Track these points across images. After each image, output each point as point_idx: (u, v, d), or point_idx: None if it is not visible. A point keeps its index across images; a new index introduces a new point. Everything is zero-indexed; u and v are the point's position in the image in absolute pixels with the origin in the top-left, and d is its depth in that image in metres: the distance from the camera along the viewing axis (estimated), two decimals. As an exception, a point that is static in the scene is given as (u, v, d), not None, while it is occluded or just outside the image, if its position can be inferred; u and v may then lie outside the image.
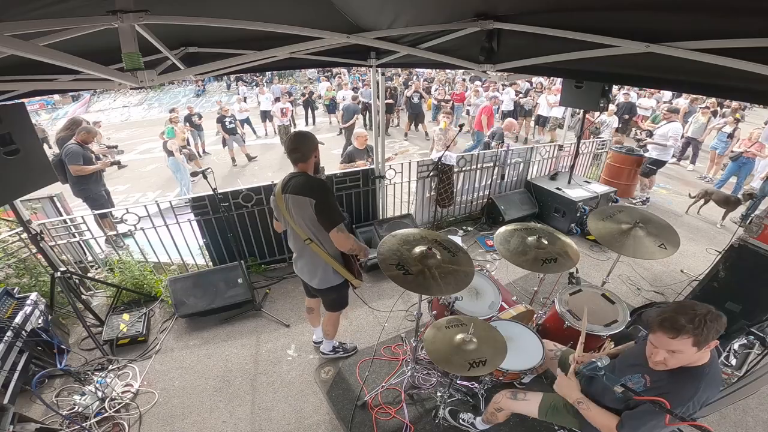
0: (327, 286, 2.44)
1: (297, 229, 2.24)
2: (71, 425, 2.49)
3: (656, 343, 1.43)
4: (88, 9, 1.56)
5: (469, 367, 1.92)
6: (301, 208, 2.16)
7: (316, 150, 2.25)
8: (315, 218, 2.16)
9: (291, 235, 2.40)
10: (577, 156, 5.37)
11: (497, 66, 2.44)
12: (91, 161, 4.58)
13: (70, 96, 19.44)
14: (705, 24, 1.41)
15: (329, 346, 3.09)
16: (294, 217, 2.22)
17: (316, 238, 2.24)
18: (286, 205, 2.22)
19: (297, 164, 2.22)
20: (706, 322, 1.33)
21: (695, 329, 1.33)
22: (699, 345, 1.35)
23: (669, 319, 1.37)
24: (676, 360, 1.41)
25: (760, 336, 2.81)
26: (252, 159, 9.47)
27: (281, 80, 19.75)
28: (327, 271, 2.37)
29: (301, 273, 2.51)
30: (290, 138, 2.23)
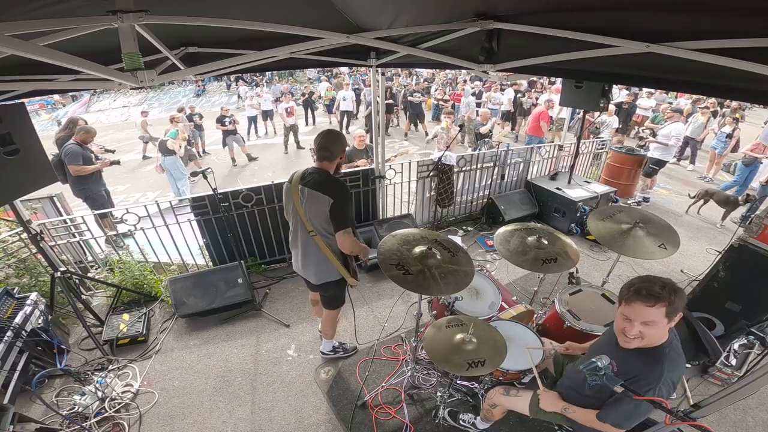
0: (326, 280, 2.47)
1: (305, 220, 2.28)
2: (71, 425, 2.49)
3: (631, 315, 1.44)
4: (88, 9, 1.56)
5: (468, 367, 1.92)
6: (317, 204, 2.20)
7: (344, 152, 2.33)
8: (328, 216, 2.20)
9: (296, 228, 2.41)
10: (577, 156, 5.37)
11: (497, 66, 2.44)
12: (91, 161, 4.58)
13: (70, 96, 19.44)
14: (705, 24, 1.41)
15: (329, 346, 3.10)
16: (305, 209, 2.26)
17: (322, 232, 2.29)
18: (300, 196, 2.25)
19: (322, 161, 2.26)
20: (676, 291, 1.38)
21: (669, 296, 1.37)
22: (669, 316, 1.39)
23: (645, 287, 1.40)
24: (651, 333, 1.43)
25: (760, 336, 2.81)
26: (253, 159, 9.47)
27: (281, 80, 19.75)
28: (327, 266, 2.40)
29: (300, 269, 2.54)
30: (322, 135, 2.26)
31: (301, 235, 2.38)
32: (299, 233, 2.40)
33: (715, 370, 2.87)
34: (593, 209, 4.71)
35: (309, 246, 2.37)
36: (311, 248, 2.36)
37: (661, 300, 1.38)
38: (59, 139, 4.81)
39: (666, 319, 1.40)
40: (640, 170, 6.09)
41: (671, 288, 1.39)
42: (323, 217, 2.22)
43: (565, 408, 1.74)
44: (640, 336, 1.45)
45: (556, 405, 1.77)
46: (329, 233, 2.28)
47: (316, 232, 2.28)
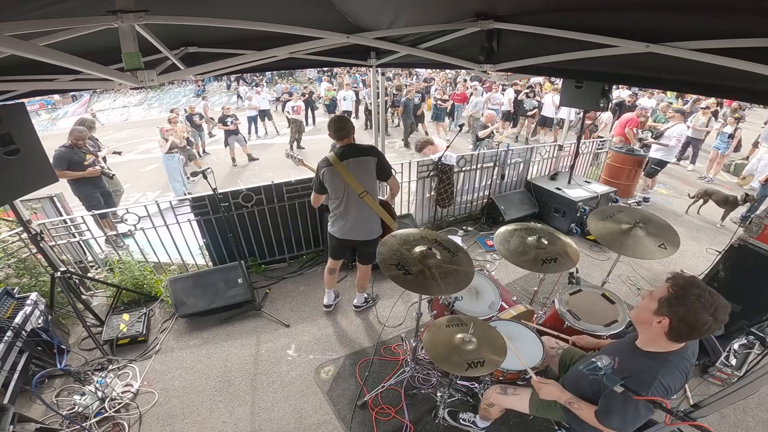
0: (374, 237, 2.99)
1: (356, 185, 2.75)
2: (71, 425, 2.49)
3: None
4: (88, 9, 1.56)
5: (467, 367, 1.92)
6: (364, 167, 2.77)
7: (353, 127, 2.87)
8: (374, 174, 2.81)
9: (346, 198, 2.83)
10: (577, 156, 5.37)
11: (497, 66, 2.44)
12: (80, 164, 4.48)
13: (70, 96, 19.44)
14: (705, 24, 1.41)
15: (361, 298, 3.59)
16: (354, 176, 2.74)
17: (370, 190, 2.82)
18: (347, 169, 2.72)
19: (343, 139, 2.79)
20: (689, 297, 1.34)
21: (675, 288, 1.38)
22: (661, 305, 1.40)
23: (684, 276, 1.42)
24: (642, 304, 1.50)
25: (760, 336, 2.81)
26: (253, 159, 9.47)
27: (281, 80, 19.74)
28: (375, 223, 2.97)
29: (351, 233, 2.95)
30: (335, 120, 2.81)
31: (353, 200, 2.83)
32: (350, 201, 2.83)
33: (715, 370, 2.87)
34: (593, 209, 4.70)
35: (362, 207, 2.85)
36: (364, 208, 2.86)
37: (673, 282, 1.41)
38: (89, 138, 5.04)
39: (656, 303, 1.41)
40: (640, 170, 6.09)
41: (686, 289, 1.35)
42: (372, 175, 2.81)
43: (569, 401, 1.71)
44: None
45: (559, 396, 1.75)
46: (374, 190, 2.86)
47: (366, 191, 2.78)
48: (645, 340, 1.54)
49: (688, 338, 1.43)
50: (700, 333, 1.36)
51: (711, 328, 1.34)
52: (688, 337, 1.41)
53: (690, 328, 1.36)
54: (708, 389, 2.85)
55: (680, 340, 1.44)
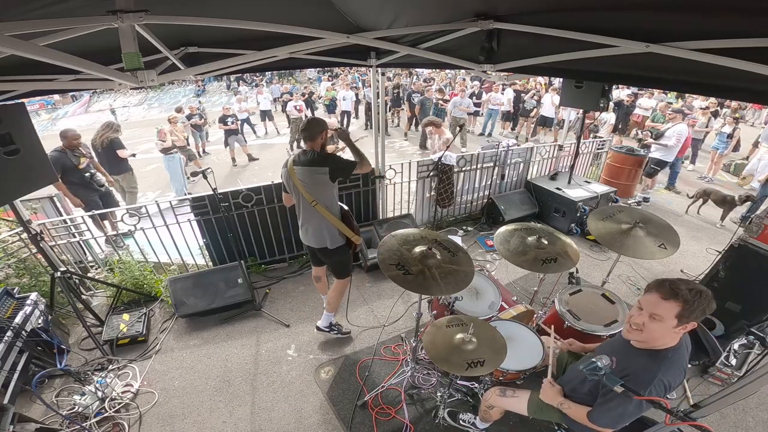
0: (332, 246, 2.76)
1: (305, 194, 2.59)
2: (71, 425, 2.49)
3: (644, 305, 1.46)
4: (88, 9, 1.56)
5: (467, 367, 1.92)
6: (312, 178, 2.56)
7: (323, 132, 2.62)
8: (328, 183, 2.57)
9: (299, 202, 2.71)
10: (577, 156, 5.36)
11: (497, 66, 2.44)
12: (75, 168, 4.41)
13: (70, 96, 19.44)
14: (705, 24, 1.41)
15: (327, 321, 3.25)
16: (305, 184, 2.58)
17: (321, 200, 2.61)
18: (298, 174, 2.59)
19: (306, 142, 2.61)
20: (701, 296, 1.36)
21: (689, 299, 1.36)
22: (681, 319, 1.38)
23: (670, 282, 1.41)
24: (653, 328, 1.43)
25: (760, 336, 2.81)
26: (253, 159, 9.47)
27: (281, 80, 19.75)
28: (332, 232, 2.72)
29: (308, 239, 2.81)
30: (305, 122, 2.68)
31: (306, 207, 2.68)
32: (303, 207, 2.70)
33: (715, 370, 2.87)
34: (593, 209, 4.70)
35: (313, 215, 2.67)
36: (315, 217, 2.67)
37: (678, 298, 1.37)
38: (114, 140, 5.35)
39: (675, 320, 1.38)
40: (640, 170, 6.09)
41: (698, 293, 1.37)
42: (321, 185, 2.57)
43: (561, 403, 1.75)
44: (641, 329, 1.46)
45: (555, 398, 1.78)
46: (329, 202, 2.64)
47: (317, 201, 2.59)
48: (644, 341, 1.53)
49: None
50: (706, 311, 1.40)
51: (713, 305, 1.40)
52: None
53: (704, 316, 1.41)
54: (708, 389, 2.85)
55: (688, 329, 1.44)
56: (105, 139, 5.26)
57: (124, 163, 5.56)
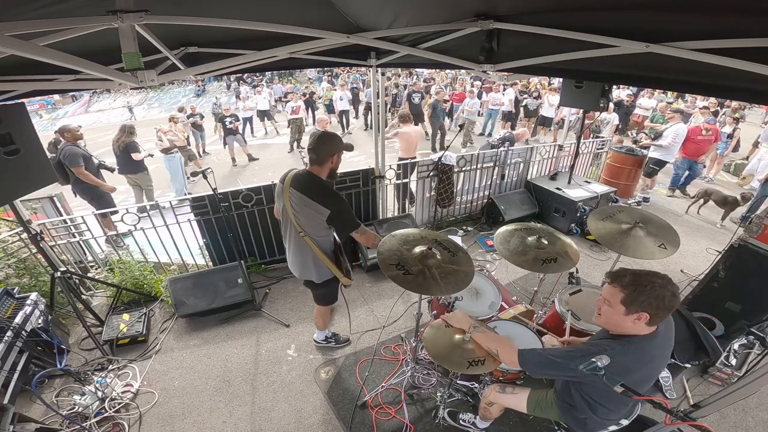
0: (317, 280, 2.49)
1: (294, 222, 2.28)
2: (71, 425, 2.49)
3: (602, 290, 1.60)
4: (88, 9, 1.56)
5: (468, 365, 1.92)
6: (308, 209, 2.20)
7: (335, 156, 2.22)
8: (322, 224, 2.22)
9: (287, 227, 2.42)
10: (577, 156, 5.36)
11: (497, 66, 2.44)
12: (89, 158, 4.63)
13: (70, 96, 19.45)
14: (705, 24, 1.41)
15: (321, 336, 3.20)
16: (296, 212, 2.25)
17: (312, 235, 2.30)
18: (291, 198, 2.24)
19: (312, 165, 2.23)
20: (645, 287, 1.43)
21: (629, 286, 1.45)
22: (627, 306, 1.45)
23: (619, 270, 1.55)
24: (605, 310, 1.55)
25: (760, 336, 2.81)
26: (253, 159, 9.47)
27: (281, 80, 19.75)
28: (318, 266, 2.42)
29: (293, 267, 2.55)
30: (313, 137, 2.25)
31: (293, 235, 2.38)
32: (290, 233, 2.40)
33: (715, 370, 2.87)
34: (593, 209, 4.70)
35: (300, 245, 2.37)
36: (302, 248, 2.37)
37: (620, 284, 1.48)
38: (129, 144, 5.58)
39: (623, 306, 1.46)
40: (640, 170, 6.09)
41: (642, 284, 1.44)
42: (314, 222, 2.23)
43: (474, 326, 1.91)
44: (599, 312, 1.59)
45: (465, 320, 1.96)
46: (320, 235, 2.30)
47: (306, 233, 2.28)
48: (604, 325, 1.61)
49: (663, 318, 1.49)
50: (669, 308, 1.45)
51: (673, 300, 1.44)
52: (664, 316, 1.48)
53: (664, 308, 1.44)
54: (708, 389, 2.85)
55: (658, 322, 1.49)
56: (121, 144, 5.58)
57: (140, 163, 5.83)
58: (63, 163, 4.42)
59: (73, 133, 4.54)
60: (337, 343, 3.22)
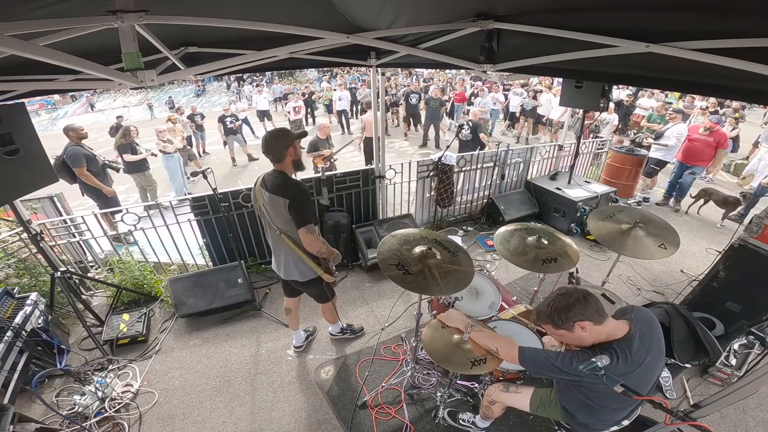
0: (301, 279, 2.48)
1: (271, 222, 2.34)
2: (71, 425, 2.49)
3: (548, 331, 1.66)
4: (88, 9, 1.56)
5: (471, 365, 1.92)
6: (276, 206, 2.21)
7: (290, 149, 2.19)
8: (287, 216, 2.19)
9: (267, 227, 2.44)
10: (577, 156, 5.36)
11: (497, 66, 2.44)
12: (93, 158, 4.67)
13: (70, 96, 19.46)
14: (705, 24, 1.41)
15: (336, 328, 3.24)
16: (269, 212, 2.30)
17: (287, 230, 2.30)
18: (262, 199, 2.30)
19: (274, 164, 2.23)
20: (557, 310, 1.54)
21: (547, 318, 1.57)
22: (562, 328, 1.55)
23: (537, 312, 1.64)
24: (562, 340, 1.65)
25: (760, 336, 2.81)
26: (253, 159, 9.47)
27: (281, 80, 19.76)
28: (298, 264, 2.42)
29: (278, 269, 2.55)
30: (262, 142, 2.21)
31: (272, 235, 2.41)
32: (270, 233, 2.43)
33: (715, 370, 2.87)
34: (593, 209, 4.70)
35: (279, 244, 2.40)
36: (282, 247, 2.39)
37: (542, 322, 1.61)
38: (121, 146, 5.71)
39: (562, 330, 1.56)
40: (640, 170, 6.09)
41: (549, 312, 1.55)
42: (284, 218, 2.23)
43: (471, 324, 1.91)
44: (567, 347, 1.71)
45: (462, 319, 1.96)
46: (294, 232, 2.27)
47: (281, 231, 2.31)
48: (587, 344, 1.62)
49: (601, 315, 1.54)
50: (589, 306, 1.52)
51: (582, 300, 1.52)
52: (600, 313, 1.54)
53: (583, 308, 1.52)
54: (708, 389, 2.85)
55: (601, 320, 1.54)
56: (116, 146, 5.81)
57: (139, 164, 5.91)
58: (66, 163, 4.45)
59: (78, 132, 4.58)
60: (353, 334, 3.29)
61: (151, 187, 6.19)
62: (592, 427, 1.76)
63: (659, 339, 1.62)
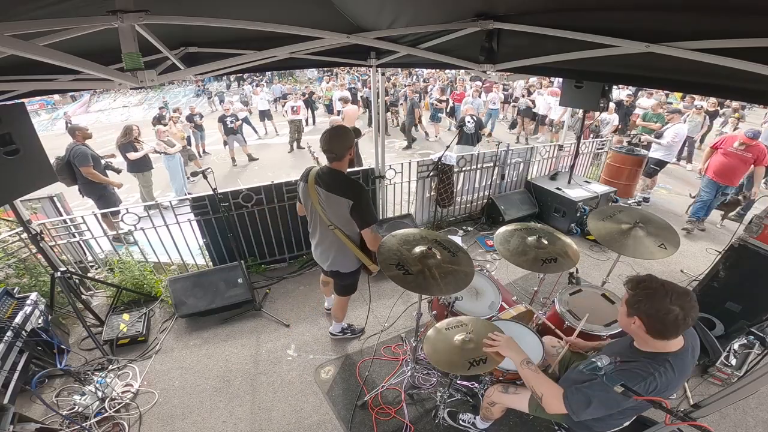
0: (344, 270, 2.59)
1: (323, 216, 2.37)
2: (71, 425, 2.49)
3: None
4: (88, 9, 1.56)
5: (470, 366, 1.92)
6: (336, 205, 2.28)
7: (351, 148, 2.30)
8: (348, 216, 2.28)
9: (314, 221, 2.51)
10: (577, 156, 5.37)
11: (497, 66, 2.43)
12: (98, 160, 4.72)
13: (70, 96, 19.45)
14: (705, 24, 1.41)
15: (338, 328, 3.26)
16: (325, 210, 2.35)
17: (340, 225, 2.37)
18: (318, 196, 2.33)
19: (332, 162, 2.30)
20: (649, 294, 1.41)
21: (635, 288, 1.46)
22: (628, 308, 1.47)
23: (643, 276, 1.51)
24: (619, 312, 1.58)
25: (760, 336, 2.81)
26: (253, 159, 9.47)
27: (281, 80, 19.76)
28: (346, 256, 2.51)
29: (320, 259, 2.65)
30: (324, 137, 2.26)
31: (320, 227, 2.48)
32: (318, 226, 2.50)
33: (715, 370, 2.87)
34: (593, 209, 4.70)
35: (328, 237, 2.47)
36: (331, 239, 2.46)
37: (629, 286, 1.50)
38: (122, 145, 5.78)
39: (625, 307, 1.49)
40: (640, 170, 6.09)
41: (646, 286, 1.44)
42: (343, 217, 2.30)
43: (526, 361, 1.74)
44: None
45: (520, 353, 1.78)
46: (349, 227, 2.36)
47: (335, 226, 2.37)
48: (638, 342, 1.56)
49: (666, 332, 1.41)
50: (674, 323, 1.37)
51: (681, 317, 1.35)
52: (665, 330, 1.40)
53: (660, 321, 1.38)
54: (708, 389, 2.85)
55: (661, 336, 1.43)
56: (118, 145, 5.87)
57: (140, 163, 5.99)
58: (72, 162, 4.48)
59: (84, 132, 4.61)
60: (353, 334, 3.30)
61: (147, 186, 6.22)
62: (592, 428, 1.76)
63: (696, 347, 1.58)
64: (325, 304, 3.57)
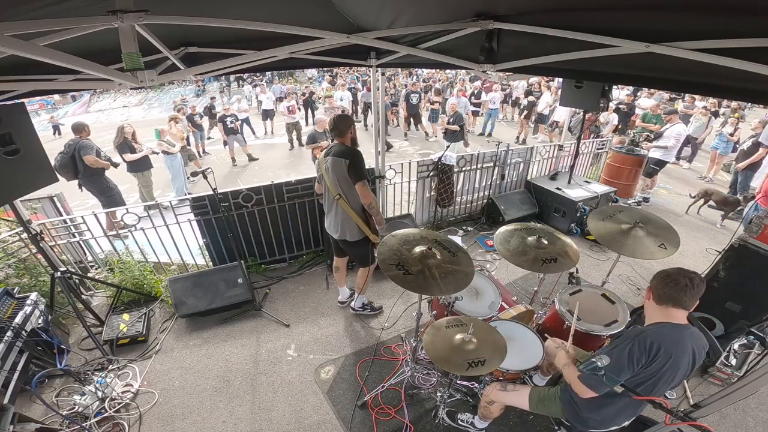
0: (351, 239, 2.94)
1: (331, 186, 2.81)
2: (71, 425, 2.49)
3: None
4: (88, 9, 1.56)
5: (468, 366, 1.92)
6: (337, 167, 2.72)
7: (352, 127, 2.85)
8: (347, 176, 2.69)
9: (327, 195, 2.96)
10: (577, 156, 5.37)
11: (497, 66, 2.44)
12: (101, 154, 4.82)
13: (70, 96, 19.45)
14: (705, 24, 1.41)
15: (360, 302, 3.52)
16: (329, 176, 2.78)
17: (345, 195, 2.79)
18: (326, 166, 2.78)
19: (336, 138, 2.82)
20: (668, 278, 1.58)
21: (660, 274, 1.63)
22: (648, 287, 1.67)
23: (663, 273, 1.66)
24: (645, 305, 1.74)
25: (760, 336, 2.81)
26: (253, 159, 9.47)
27: (281, 80, 19.76)
28: (351, 227, 2.89)
29: (330, 229, 3.05)
30: (332, 120, 2.84)
31: (329, 199, 2.93)
32: (327, 198, 2.95)
33: (715, 370, 2.87)
34: (593, 209, 4.70)
35: (336, 209, 2.89)
36: (338, 210, 2.88)
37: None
38: (118, 146, 5.78)
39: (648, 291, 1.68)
40: (640, 170, 6.09)
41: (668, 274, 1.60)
42: (343, 178, 2.72)
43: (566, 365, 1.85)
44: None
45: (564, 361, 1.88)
46: (351, 196, 2.78)
47: (341, 195, 2.78)
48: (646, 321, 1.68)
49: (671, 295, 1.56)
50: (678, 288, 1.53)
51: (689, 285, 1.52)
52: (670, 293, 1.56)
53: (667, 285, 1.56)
54: (708, 389, 2.85)
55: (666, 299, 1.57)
56: (118, 146, 5.85)
57: (140, 163, 5.99)
58: (75, 155, 4.57)
59: (88, 129, 4.79)
60: (372, 311, 3.54)
61: (147, 186, 6.22)
62: (592, 425, 1.76)
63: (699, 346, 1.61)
64: (339, 297, 3.66)
